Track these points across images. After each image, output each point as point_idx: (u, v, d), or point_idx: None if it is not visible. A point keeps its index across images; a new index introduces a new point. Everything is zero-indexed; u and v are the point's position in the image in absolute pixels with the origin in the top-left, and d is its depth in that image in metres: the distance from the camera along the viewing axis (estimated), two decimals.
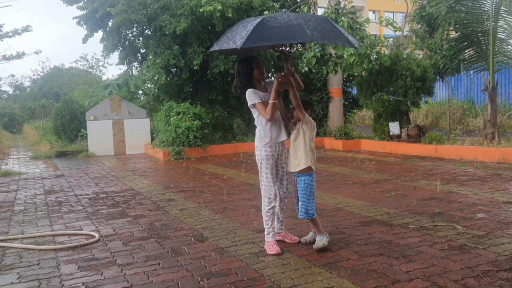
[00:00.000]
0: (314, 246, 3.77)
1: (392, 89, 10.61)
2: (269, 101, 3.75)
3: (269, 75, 15.21)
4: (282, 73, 3.78)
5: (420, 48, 16.50)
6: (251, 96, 3.81)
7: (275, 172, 3.91)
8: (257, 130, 3.92)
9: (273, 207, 3.86)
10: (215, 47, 3.89)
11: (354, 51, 9.93)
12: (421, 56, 13.47)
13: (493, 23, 9.29)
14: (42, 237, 4.61)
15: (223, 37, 3.87)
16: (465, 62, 10.86)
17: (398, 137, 10.46)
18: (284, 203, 4.12)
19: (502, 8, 9.24)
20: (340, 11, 10.25)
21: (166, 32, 11.33)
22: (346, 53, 10.25)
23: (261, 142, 3.85)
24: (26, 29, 16.92)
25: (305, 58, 11.07)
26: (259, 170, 3.93)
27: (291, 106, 3.90)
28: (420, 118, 16.20)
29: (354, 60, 10.03)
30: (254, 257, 3.69)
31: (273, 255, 3.71)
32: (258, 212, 5.25)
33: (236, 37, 3.51)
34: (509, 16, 9.21)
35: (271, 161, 3.85)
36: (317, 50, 10.78)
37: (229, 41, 3.60)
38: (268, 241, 3.85)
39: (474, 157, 8.49)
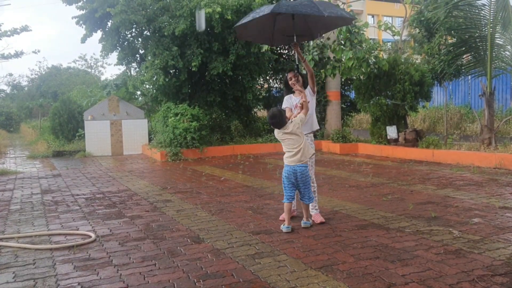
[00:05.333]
0: None
1: (390, 93, 10.63)
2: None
3: (268, 77, 15.24)
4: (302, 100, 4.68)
5: (418, 52, 16.56)
6: (284, 102, 4.95)
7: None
8: None
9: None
10: (243, 21, 4.54)
11: (353, 55, 9.94)
12: (419, 61, 13.51)
13: (491, 29, 9.33)
14: (38, 236, 4.60)
15: (247, 17, 4.54)
16: (463, 67, 10.89)
17: (395, 141, 10.49)
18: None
19: (500, 14, 9.28)
20: None
21: (165, 33, 11.33)
22: (344, 57, 10.26)
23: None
24: (25, 28, 16.94)
25: None
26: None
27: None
28: (417, 122, 16.25)
29: (352, 64, 10.04)
30: (250, 259, 3.70)
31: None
32: (254, 214, 5.26)
33: (263, 9, 4.32)
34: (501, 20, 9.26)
35: None
36: (315, 53, 10.78)
37: (257, 13, 4.36)
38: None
39: (470, 162, 8.52)
